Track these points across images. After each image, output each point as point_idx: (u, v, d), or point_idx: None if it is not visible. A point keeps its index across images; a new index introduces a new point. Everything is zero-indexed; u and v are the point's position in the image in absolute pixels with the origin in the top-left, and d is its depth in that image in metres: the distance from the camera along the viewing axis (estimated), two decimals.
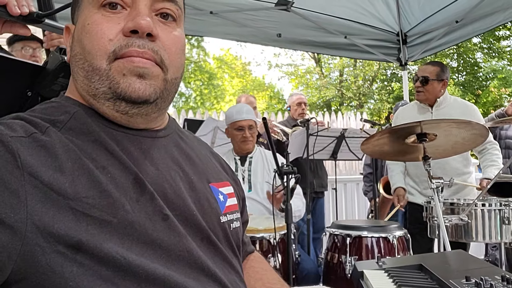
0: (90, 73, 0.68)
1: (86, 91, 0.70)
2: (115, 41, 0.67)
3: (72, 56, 0.72)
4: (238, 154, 2.74)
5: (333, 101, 17.12)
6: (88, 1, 0.71)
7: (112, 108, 0.69)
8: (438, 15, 4.11)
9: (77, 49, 0.71)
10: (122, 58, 0.67)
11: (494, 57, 15.45)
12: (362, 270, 1.16)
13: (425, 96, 2.86)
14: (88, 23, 0.69)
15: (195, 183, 0.78)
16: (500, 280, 0.92)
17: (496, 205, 2.12)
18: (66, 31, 0.78)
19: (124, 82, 0.67)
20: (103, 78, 0.67)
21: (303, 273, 2.42)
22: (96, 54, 0.67)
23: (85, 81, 0.69)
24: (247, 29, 4.01)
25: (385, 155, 2.33)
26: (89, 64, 0.68)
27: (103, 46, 0.67)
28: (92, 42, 0.68)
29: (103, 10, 0.69)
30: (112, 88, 0.67)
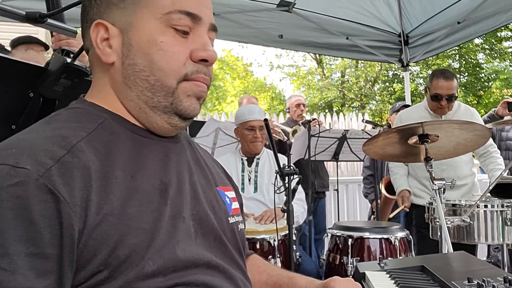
0: (156, 88, 0.72)
1: (144, 101, 0.73)
2: (187, 65, 0.73)
3: (129, 65, 0.72)
4: (246, 155, 2.74)
5: (334, 102, 17.12)
6: (153, 14, 0.71)
7: (166, 120, 0.75)
8: (440, 16, 4.10)
9: (140, 60, 0.72)
10: (189, 81, 0.73)
11: (496, 58, 15.42)
12: (363, 272, 1.16)
13: (448, 111, 2.83)
14: (161, 41, 0.71)
15: (205, 186, 0.82)
16: (502, 281, 0.91)
17: (498, 206, 2.11)
18: (98, 27, 0.73)
19: (186, 102, 0.74)
20: (168, 95, 0.73)
21: (303, 274, 2.42)
22: (169, 74, 0.72)
23: (145, 93, 0.73)
24: (249, 30, 4.01)
25: (387, 156, 2.33)
26: (157, 79, 0.72)
27: (177, 68, 0.72)
28: (168, 62, 0.71)
29: (173, 32, 0.72)
30: (174, 105, 0.73)
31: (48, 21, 0.98)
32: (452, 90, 2.75)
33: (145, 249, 0.64)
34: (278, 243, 2.23)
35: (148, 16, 0.71)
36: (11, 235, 0.55)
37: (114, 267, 0.61)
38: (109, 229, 0.61)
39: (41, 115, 0.96)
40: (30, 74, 0.93)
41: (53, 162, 0.60)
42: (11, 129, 0.95)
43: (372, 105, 17.25)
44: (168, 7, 0.71)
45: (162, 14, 0.71)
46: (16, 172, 0.57)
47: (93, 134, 0.68)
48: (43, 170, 0.58)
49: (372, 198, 4.14)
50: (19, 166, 0.58)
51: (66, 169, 0.60)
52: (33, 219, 0.56)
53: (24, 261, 0.55)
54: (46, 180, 0.58)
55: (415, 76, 15.73)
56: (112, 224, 0.62)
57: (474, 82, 15.40)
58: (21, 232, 0.55)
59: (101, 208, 0.61)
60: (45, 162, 0.59)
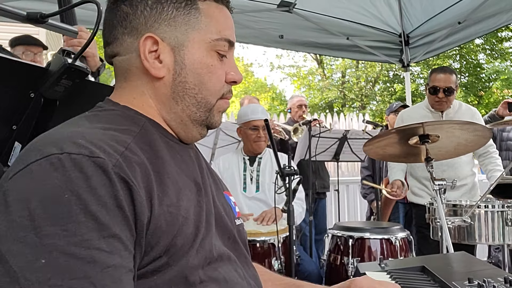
0: (201, 104, 0.81)
1: (187, 114, 0.81)
2: (224, 86, 0.83)
3: (181, 82, 0.79)
4: (248, 154, 2.74)
5: (335, 102, 17.12)
6: (204, 38, 0.79)
7: (199, 131, 0.84)
8: (441, 16, 4.10)
9: (191, 79, 0.79)
10: (222, 99, 0.84)
11: (496, 58, 15.42)
12: (364, 272, 1.16)
13: (447, 106, 2.83)
14: (211, 64, 0.80)
15: (216, 189, 0.88)
16: (503, 282, 0.91)
17: (499, 206, 2.11)
18: (148, 41, 0.76)
19: (217, 116, 0.84)
20: (207, 110, 0.82)
21: (304, 275, 2.42)
22: (213, 93, 0.81)
23: (191, 108, 0.80)
24: (249, 30, 4.01)
25: (387, 156, 2.33)
26: (203, 97, 0.80)
27: (219, 88, 0.82)
28: (215, 84, 0.81)
29: (217, 56, 0.81)
30: (208, 119, 0.83)
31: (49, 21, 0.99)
32: (449, 83, 2.76)
33: (193, 240, 0.70)
34: (279, 244, 2.23)
35: (200, 39, 0.79)
36: (103, 219, 0.58)
37: (171, 254, 0.67)
38: (171, 219, 0.67)
39: (42, 115, 0.97)
40: (31, 74, 0.93)
41: (118, 156, 0.64)
42: (12, 129, 0.95)
43: (372, 106, 17.26)
44: (216, 34, 0.80)
45: (212, 40, 0.79)
46: (93, 162, 0.60)
47: (138, 136, 0.72)
48: (114, 161, 0.62)
49: (370, 198, 4.14)
50: (94, 156, 0.61)
51: (129, 163, 0.64)
52: (119, 205, 0.60)
53: (116, 243, 0.59)
54: (119, 169, 0.62)
55: (415, 77, 15.73)
56: (173, 215, 0.68)
57: (475, 82, 15.40)
58: (109, 216, 0.59)
59: (162, 200, 0.67)
60: (113, 154, 0.63)
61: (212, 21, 0.79)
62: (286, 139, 3.87)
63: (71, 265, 0.55)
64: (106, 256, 0.57)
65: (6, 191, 0.60)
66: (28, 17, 0.97)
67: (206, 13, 0.79)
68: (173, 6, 0.77)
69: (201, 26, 0.78)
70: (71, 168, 0.59)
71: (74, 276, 0.54)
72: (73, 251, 0.55)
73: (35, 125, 0.96)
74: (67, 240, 0.55)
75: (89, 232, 0.57)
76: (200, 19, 0.78)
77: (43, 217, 0.56)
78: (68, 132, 0.66)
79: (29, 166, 0.60)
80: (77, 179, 0.58)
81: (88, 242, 0.56)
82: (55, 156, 0.60)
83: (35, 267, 0.54)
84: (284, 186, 2.01)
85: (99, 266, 0.56)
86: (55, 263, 0.54)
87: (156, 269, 0.66)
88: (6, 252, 0.55)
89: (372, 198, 4.02)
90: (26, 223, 0.56)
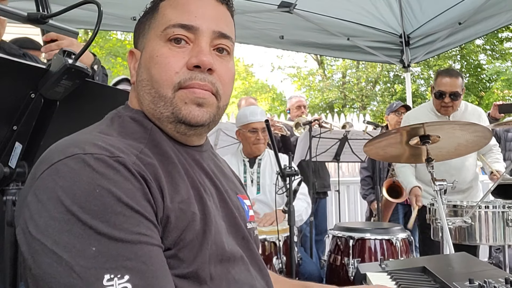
0: (156, 99, 0.79)
1: (151, 113, 0.81)
2: (180, 74, 0.78)
3: (139, 81, 0.82)
4: (247, 156, 2.73)
5: (335, 103, 17.11)
6: (156, 33, 0.81)
7: (174, 129, 0.80)
8: (441, 17, 4.10)
9: (144, 75, 0.81)
10: (185, 89, 0.78)
11: (497, 59, 15.41)
12: (365, 273, 1.16)
13: (453, 110, 2.78)
14: (157, 55, 0.79)
15: (230, 192, 0.90)
16: (503, 282, 0.91)
17: (499, 207, 2.11)
18: (130, 55, 0.86)
19: (185, 109, 0.78)
20: (167, 105, 0.78)
21: (304, 276, 2.42)
22: (163, 84, 0.78)
23: (151, 105, 0.80)
24: (250, 31, 4.01)
25: (388, 157, 2.33)
26: (156, 91, 0.79)
27: (170, 77, 0.78)
28: (160, 73, 0.78)
29: (169, 44, 0.79)
30: (175, 114, 0.78)
31: (49, 22, 0.99)
32: (456, 88, 2.71)
33: (202, 236, 0.73)
34: (281, 244, 2.23)
35: (153, 36, 0.81)
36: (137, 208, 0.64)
37: (180, 248, 0.70)
38: (181, 215, 0.71)
39: (42, 116, 0.97)
40: (31, 75, 0.93)
41: (134, 156, 0.69)
42: (12, 130, 0.95)
43: (373, 106, 17.25)
44: (165, 24, 0.80)
45: (161, 31, 0.80)
46: (115, 160, 0.66)
47: (149, 141, 0.77)
48: (134, 159, 0.68)
49: (370, 199, 4.13)
50: (115, 156, 0.66)
51: (144, 163, 0.70)
52: (145, 197, 0.66)
53: (152, 227, 0.66)
54: (138, 167, 0.68)
55: (416, 77, 15.73)
56: (183, 211, 0.72)
57: (476, 83, 15.39)
58: (139, 206, 0.64)
59: (173, 197, 0.71)
60: (130, 155, 0.69)
61: (163, 14, 0.81)
62: (288, 135, 3.86)
63: (121, 248, 0.60)
64: (148, 238, 0.63)
65: (36, 190, 0.64)
66: (28, 18, 0.98)
67: (161, 9, 0.82)
68: (146, 18, 0.84)
69: (155, 24, 0.82)
70: (96, 166, 0.64)
71: (126, 258, 0.60)
72: (119, 236, 0.61)
73: (35, 125, 0.96)
74: (110, 228, 0.61)
75: (128, 220, 0.62)
76: (156, 17, 0.82)
77: (81, 211, 0.61)
78: (88, 136, 0.71)
79: (54, 165, 0.65)
80: (104, 175, 0.64)
81: (130, 228, 0.62)
82: (78, 156, 0.65)
83: (88, 254, 0.59)
84: (285, 186, 2.01)
85: (145, 247, 0.62)
86: (106, 249, 0.60)
87: (166, 260, 0.69)
88: (53, 245, 0.59)
89: (372, 199, 4.02)
90: (67, 217, 0.60)
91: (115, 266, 0.59)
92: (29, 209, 0.63)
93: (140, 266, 0.60)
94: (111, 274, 0.58)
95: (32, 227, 0.61)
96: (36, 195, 0.63)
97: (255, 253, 0.88)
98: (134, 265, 0.60)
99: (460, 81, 2.75)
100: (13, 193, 0.96)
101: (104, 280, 0.58)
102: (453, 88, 2.71)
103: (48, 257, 0.59)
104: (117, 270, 0.59)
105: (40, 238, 0.60)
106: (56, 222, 0.60)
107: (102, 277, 0.58)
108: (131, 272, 0.59)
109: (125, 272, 0.59)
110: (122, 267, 0.59)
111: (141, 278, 0.60)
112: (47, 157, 0.68)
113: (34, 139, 0.97)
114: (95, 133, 0.74)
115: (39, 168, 0.67)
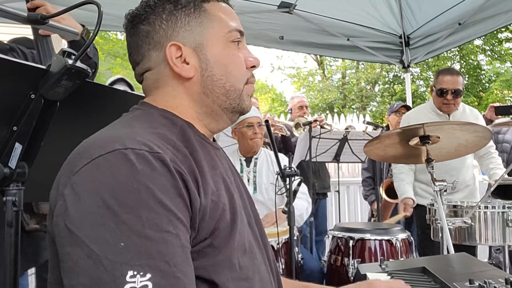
0: (231, 92, 0.87)
1: (218, 104, 0.87)
2: (247, 71, 0.90)
3: (208, 76, 0.86)
4: (244, 155, 2.74)
5: (335, 103, 17.12)
6: (217, 33, 0.87)
7: (230, 118, 0.90)
8: (441, 17, 4.10)
9: (216, 70, 0.86)
10: (249, 84, 0.90)
11: (496, 60, 15.41)
12: (365, 273, 1.16)
13: (455, 108, 2.81)
14: (232, 54, 0.88)
15: (243, 188, 0.95)
16: (504, 283, 0.91)
17: (499, 207, 2.11)
18: (172, 48, 0.84)
19: (247, 100, 0.90)
20: (237, 96, 0.88)
21: (306, 272, 2.41)
22: (239, 79, 0.88)
23: (221, 97, 0.87)
24: (250, 31, 4.01)
25: (388, 157, 2.33)
26: (231, 85, 0.87)
27: (244, 73, 0.89)
28: (238, 69, 0.88)
29: (233, 45, 0.88)
30: (240, 104, 0.89)
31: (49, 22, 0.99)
32: (457, 85, 2.76)
33: (232, 225, 0.77)
34: (280, 246, 2.22)
35: (215, 35, 0.87)
36: (169, 205, 0.66)
37: (215, 236, 0.74)
38: (214, 206, 0.75)
39: (43, 116, 0.97)
40: (31, 75, 0.93)
41: (170, 152, 0.72)
42: (13, 130, 0.95)
43: (373, 107, 17.25)
44: (227, 28, 0.88)
45: (225, 33, 0.87)
46: (154, 156, 0.68)
47: (179, 135, 0.80)
48: (170, 155, 0.71)
49: (371, 200, 4.13)
50: (154, 151, 0.69)
51: (179, 158, 0.73)
52: (180, 193, 0.68)
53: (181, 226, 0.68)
54: (175, 163, 0.70)
55: (415, 78, 15.73)
56: (214, 202, 0.75)
57: (475, 83, 15.39)
58: (173, 203, 0.67)
59: (206, 190, 0.75)
60: (167, 150, 0.71)
61: (220, 17, 0.88)
62: (287, 135, 3.85)
63: (147, 246, 0.63)
64: (174, 237, 0.66)
65: (74, 184, 0.67)
66: (29, 18, 0.98)
67: (213, 12, 0.87)
68: (184, 13, 0.86)
69: (213, 24, 0.87)
70: (137, 161, 0.66)
71: (151, 256, 0.62)
72: (148, 234, 0.63)
73: (36, 126, 0.96)
74: (142, 225, 0.63)
75: (159, 217, 0.65)
76: (210, 18, 0.87)
77: (117, 205, 0.63)
78: (125, 131, 0.74)
79: (94, 160, 0.67)
80: (143, 171, 0.66)
81: (160, 226, 0.64)
82: (119, 151, 0.67)
83: (117, 249, 0.62)
84: (285, 187, 2.01)
85: (171, 247, 0.65)
86: (133, 246, 0.62)
87: (202, 250, 0.73)
88: (85, 238, 0.62)
89: (373, 199, 4.02)
90: (102, 211, 0.63)
91: (139, 264, 0.61)
92: (65, 202, 0.66)
93: (163, 265, 0.63)
94: (135, 271, 0.61)
95: (68, 220, 0.64)
96: (74, 189, 0.66)
97: (267, 249, 0.92)
98: (158, 264, 0.62)
99: (461, 79, 2.79)
100: (13, 193, 0.96)
101: (127, 276, 0.61)
102: (455, 86, 2.75)
103: (81, 249, 0.62)
104: (141, 268, 0.61)
105: (74, 230, 0.63)
106: (91, 215, 0.63)
107: (126, 273, 0.61)
108: (153, 271, 0.62)
109: (148, 270, 0.61)
110: (146, 265, 0.62)
111: (163, 277, 0.62)
112: (85, 152, 0.70)
113: (34, 139, 0.97)
114: (129, 128, 0.76)
115: (78, 163, 0.69)
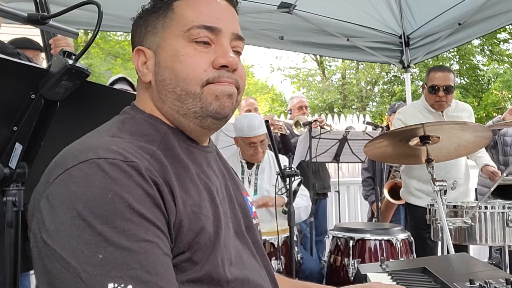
0: (183, 97, 0.80)
1: (175, 110, 0.81)
2: (208, 72, 0.80)
3: (160, 81, 0.82)
4: (245, 159, 2.71)
5: (335, 103, 17.11)
6: (175, 33, 0.81)
7: (198, 125, 0.82)
8: (441, 17, 4.10)
9: (166, 74, 0.81)
10: (214, 83, 0.80)
11: (495, 60, 15.40)
12: (365, 273, 1.16)
13: (447, 105, 2.84)
14: (182, 54, 0.80)
15: (236, 191, 0.93)
16: (504, 283, 0.91)
17: (499, 208, 2.11)
18: (137, 53, 0.85)
19: (214, 102, 0.80)
20: (196, 100, 0.79)
21: (305, 273, 2.41)
22: (191, 82, 0.79)
23: (175, 103, 0.81)
24: (250, 31, 4.01)
25: (388, 157, 2.33)
26: (182, 89, 0.79)
27: (198, 75, 0.79)
28: (187, 71, 0.79)
29: (194, 45, 0.80)
30: (204, 108, 0.80)
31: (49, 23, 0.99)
32: (449, 81, 2.78)
33: (215, 238, 0.74)
34: (280, 244, 2.22)
35: (173, 35, 0.81)
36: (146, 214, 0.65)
37: (194, 250, 0.71)
38: (194, 218, 0.72)
39: (43, 116, 0.96)
40: (32, 75, 0.93)
41: (147, 161, 0.70)
42: (13, 131, 0.95)
43: (372, 107, 17.25)
44: (188, 25, 0.80)
45: (183, 32, 0.80)
46: (129, 165, 0.66)
47: (161, 144, 0.78)
48: (146, 165, 0.69)
49: (372, 200, 4.13)
50: (129, 160, 0.67)
51: (156, 168, 0.70)
52: (156, 203, 0.67)
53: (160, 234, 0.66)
54: (150, 172, 0.68)
55: (414, 78, 15.73)
56: (195, 214, 0.73)
57: (474, 84, 15.39)
58: (149, 212, 0.65)
59: (186, 201, 0.72)
60: (143, 160, 0.69)
61: (182, 15, 0.81)
62: (287, 134, 3.85)
63: (126, 257, 0.61)
64: (155, 247, 0.64)
65: (49, 195, 0.65)
66: (29, 19, 0.98)
67: (179, 9, 0.82)
68: (155, 16, 0.84)
69: (172, 23, 0.82)
70: (110, 171, 0.65)
71: (131, 267, 0.61)
72: (125, 244, 0.61)
73: (36, 126, 0.96)
74: (118, 235, 0.61)
75: (136, 227, 0.63)
76: (172, 17, 0.82)
77: (91, 216, 0.61)
78: (101, 140, 0.72)
79: (68, 170, 0.66)
80: (116, 181, 0.64)
81: (137, 235, 0.63)
82: (92, 161, 0.66)
83: (94, 261, 0.60)
84: (285, 187, 2.01)
85: (150, 256, 0.63)
86: (112, 257, 0.60)
87: (180, 264, 0.70)
88: (62, 251, 0.61)
89: (373, 200, 4.02)
90: (77, 223, 0.61)
91: (120, 275, 0.60)
92: (41, 214, 0.65)
93: (144, 275, 0.61)
94: (115, 283, 0.59)
95: (44, 232, 0.63)
96: (49, 200, 0.65)
97: (260, 251, 0.90)
98: (138, 275, 0.61)
99: (452, 76, 2.82)
100: (13, 194, 0.95)
101: None
102: (446, 82, 2.78)
103: (58, 262, 0.61)
104: (121, 279, 0.60)
105: (50, 243, 0.62)
106: (66, 227, 0.61)
107: (107, 285, 0.59)
108: (134, 282, 0.60)
109: (129, 281, 0.60)
110: (127, 276, 0.60)
111: (145, 287, 0.61)
112: (60, 162, 0.69)
113: (34, 139, 0.97)
114: (107, 137, 0.74)
115: (53, 173, 0.67)
